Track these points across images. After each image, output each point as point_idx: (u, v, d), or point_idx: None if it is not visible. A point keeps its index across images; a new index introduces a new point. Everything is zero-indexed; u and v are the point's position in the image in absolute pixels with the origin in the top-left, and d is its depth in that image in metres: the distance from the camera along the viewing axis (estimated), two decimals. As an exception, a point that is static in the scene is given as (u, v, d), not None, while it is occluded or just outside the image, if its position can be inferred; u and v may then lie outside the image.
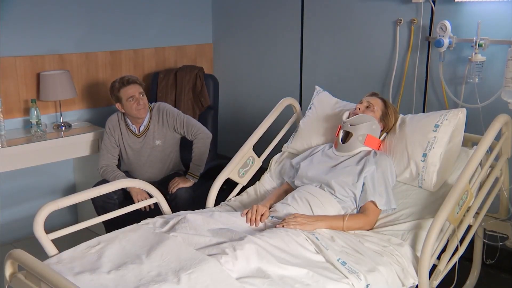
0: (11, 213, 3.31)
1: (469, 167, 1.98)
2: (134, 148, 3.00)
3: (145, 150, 3.00)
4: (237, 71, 3.94)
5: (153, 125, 2.98)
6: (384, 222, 2.16)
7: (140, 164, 3.03)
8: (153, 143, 3.00)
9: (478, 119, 2.62)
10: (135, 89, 2.87)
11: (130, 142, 3.00)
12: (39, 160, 3.04)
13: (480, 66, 2.57)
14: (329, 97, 2.68)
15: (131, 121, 2.97)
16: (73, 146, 3.11)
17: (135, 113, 2.89)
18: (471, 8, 2.64)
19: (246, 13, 3.77)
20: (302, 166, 2.35)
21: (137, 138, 2.99)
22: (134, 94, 2.86)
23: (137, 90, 2.88)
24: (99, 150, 3.06)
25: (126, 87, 2.87)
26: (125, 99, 2.86)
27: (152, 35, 3.70)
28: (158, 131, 2.99)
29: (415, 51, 2.90)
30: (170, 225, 2.02)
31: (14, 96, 3.13)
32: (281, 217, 2.09)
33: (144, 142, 2.99)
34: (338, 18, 3.24)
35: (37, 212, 1.87)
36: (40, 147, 2.98)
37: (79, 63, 3.38)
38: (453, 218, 1.95)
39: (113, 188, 2.26)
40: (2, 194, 3.24)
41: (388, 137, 2.36)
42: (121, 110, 2.92)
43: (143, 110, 2.91)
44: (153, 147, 3.00)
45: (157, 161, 3.03)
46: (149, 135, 2.99)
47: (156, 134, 2.99)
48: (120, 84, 2.88)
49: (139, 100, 2.88)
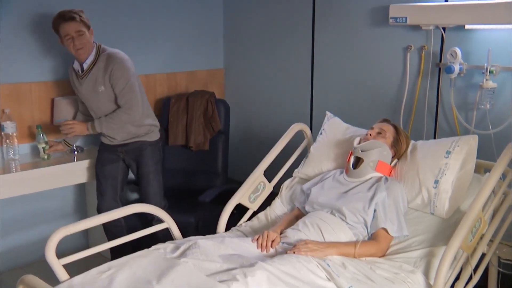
0: (22, 237, 3.32)
1: (482, 194, 1.96)
2: (81, 92, 2.85)
3: (91, 95, 2.81)
4: (248, 96, 3.97)
5: (96, 69, 2.75)
6: (396, 249, 2.14)
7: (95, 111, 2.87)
8: (97, 88, 2.78)
9: (490, 145, 2.61)
10: (72, 27, 2.61)
11: (77, 84, 2.85)
12: (52, 184, 3.06)
13: (491, 92, 2.58)
14: (340, 123, 2.69)
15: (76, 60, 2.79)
16: (85, 170, 3.12)
17: (75, 54, 2.71)
18: (481, 35, 2.66)
19: (257, 39, 3.81)
20: (313, 192, 2.35)
21: (80, 80, 2.81)
22: (69, 32, 2.62)
23: (75, 29, 2.62)
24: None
25: (63, 24, 2.62)
26: (63, 36, 2.64)
27: (164, 60, 3.75)
28: (101, 77, 2.76)
29: (426, 77, 2.91)
30: (181, 250, 2.01)
31: (28, 121, 3.18)
32: (292, 243, 2.08)
33: (87, 86, 2.80)
34: (348, 44, 3.26)
35: (49, 238, 1.87)
36: (53, 171, 3.00)
37: (92, 88, 3.42)
38: (466, 246, 1.93)
39: (124, 213, 2.26)
40: (15, 218, 3.25)
41: (399, 163, 2.36)
42: (64, 46, 2.73)
43: (82, 51, 2.68)
44: (97, 92, 2.79)
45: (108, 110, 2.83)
46: (91, 78, 2.77)
47: (100, 80, 2.76)
48: (58, 19, 2.63)
49: (75, 39, 2.63)
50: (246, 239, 2.16)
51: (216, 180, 3.55)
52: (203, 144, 3.54)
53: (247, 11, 3.85)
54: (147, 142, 2.98)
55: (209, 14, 3.94)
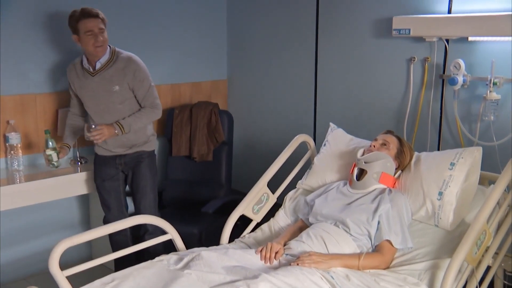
0: (25, 248, 3.32)
1: (487, 206, 1.96)
2: (87, 89, 2.80)
3: (101, 93, 2.79)
4: (252, 107, 3.98)
5: (113, 69, 2.77)
6: (400, 261, 2.13)
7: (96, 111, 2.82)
8: (110, 87, 2.78)
9: (495, 157, 2.60)
10: (95, 24, 2.66)
11: (83, 82, 2.81)
12: (56, 195, 3.06)
13: (495, 104, 2.57)
14: (343, 134, 2.69)
15: (88, 58, 2.78)
16: (89, 180, 3.13)
17: (92, 50, 2.70)
18: (484, 47, 2.66)
19: (260, 50, 3.83)
20: (317, 203, 2.34)
21: (91, 78, 2.79)
22: (93, 28, 2.65)
23: (98, 25, 2.67)
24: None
25: (85, 20, 2.65)
26: (83, 32, 2.65)
27: (168, 71, 3.77)
28: (117, 77, 2.78)
29: (429, 88, 2.91)
30: (185, 262, 2.01)
31: (33, 133, 3.19)
32: (296, 255, 2.07)
33: (98, 84, 2.78)
34: (352, 56, 3.27)
35: (53, 249, 1.87)
36: (57, 182, 3.00)
37: (97, 99, 3.43)
38: (471, 258, 1.92)
39: (128, 224, 2.25)
40: (18, 229, 3.26)
41: (403, 175, 2.35)
42: (77, 43, 2.72)
43: (100, 48, 2.71)
44: (109, 91, 2.78)
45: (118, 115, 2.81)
46: (104, 76, 2.77)
47: (115, 80, 2.78)
48: (80, 15, 2.65)
49: (98, 36, 2.67)
50: (249, 250, 2.16)
51: (219, 191, 3.55)
52: (207, 155, 3.55)
53: (250, 23, 3.87)
54: (146, 153, 2.97)
55: (213, 26, 3.97)
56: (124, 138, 2.87)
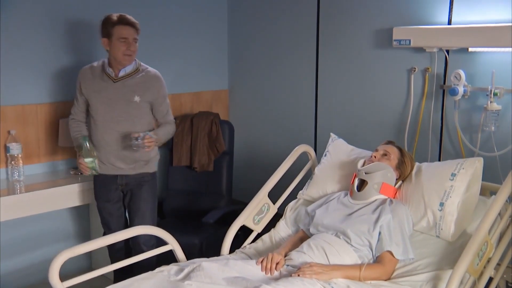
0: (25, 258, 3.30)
1: (488, 217, 1.95)
2: (104, 94, 2.73)
3: (118, 100, 2.73)
4: (252, 117, 3.98)
5: (137, 80, 2.75)
6: (401, 272, 2.12)
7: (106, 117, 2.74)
8: (130, 97, 2.74)
9: (496, 167, 2.60)
10: (131, 32, 2.66)
11: (102, 86, 2.74)
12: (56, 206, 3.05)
13: (496, 114, 2.58)
14: (344, 144, 2.69)
15: (111, 63, 2.74)
16: (90, 191, 3.12)
17: (121, 58, 2.68)
18: (484, 57, 2.67)
19: (261, 60, 3.84)
20: (318, 214, 2.34)
21: (112, 83, 2.74)
22: (128, 36, 2.65)
23: (132, 35, 2.67)
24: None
25: (122, 26, 2.65)
26: (116, 38, 2.64)
27: (169, 81, 3.73)
28: (140, 89, 2.75)
29: (430, 99, 2.92)
30: (185, 273, 2.00)
31: (33, 143, 3.19)
32: (297, 265, 2.06)
33: (118, 91, 2.73)
34: (352, 66, 3.28)
35: (53, 260, 1.87)
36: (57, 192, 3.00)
37: (98, 109, 3.43)
38: (473, 270, 1.91)
39: (128, 235, 2.25)
40: (18, 239, 3.25)
41: (404, 186, 2.35)
42: (106, 47, 2.69)
43: (129, 58, 2.70)
44: (129, 102, 2.74)
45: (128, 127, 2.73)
46: (126, 85, 2.74)
47: (137, 90, 2.75)
48: (118, 21, 2.65)
49: (130, 45, 2.67)
50: (250, 261, 2.15)
51: (220, 201, 3.54)
52: (208, 165, 3.55)
53: (251, 33, 3.88)
54: (148, 175, 2.88)
55: (214, 36, 3.99)
56: (127, 152, 2.79)
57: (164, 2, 3.65)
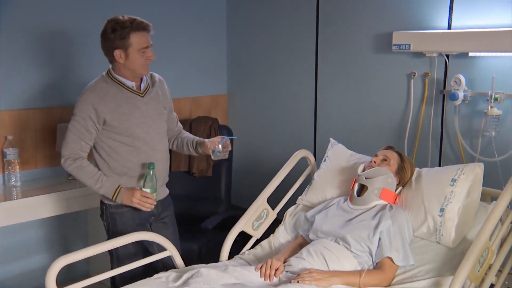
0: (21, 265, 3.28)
1: (489, 223, 1.94)
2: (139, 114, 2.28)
3: (153, 117, 2.34)
4: (251, 122, 3.97)
5: (156, 88, 2.39)
6: (401, 278, 2.10)
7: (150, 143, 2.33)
8: (161, 109, 2.37)
9: (496, 172, 2.59)
10: (148, 39, 2.24)
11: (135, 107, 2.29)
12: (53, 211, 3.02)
13: (496, 119, 2.57)
14: (343, 150, 2.68)
15: (125, 76, 2.29)
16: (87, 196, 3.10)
17: (141, 70, 2.27)
18: (484, 62, 2.66)
19: (260, 65, 3.84)
20: (317, 220, 2.32)
21: (141, 99, 2.31)
22: (148, 45, 2.23)
23: (150, 41, 2.26)
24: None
25: (140, 33, 2.20)
26: (137, 49, 2.19)
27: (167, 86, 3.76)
28: (162, 97, 2.41)
29: (430, 104, 2.91)
30: (184, 279, 1.99)
31: (30, 148, 3.17)
32: (296, 272, 2.05)
33: (151, 106, 2.33)
34: (352, 71, 3.27)
35: (50, 267, 1.85)
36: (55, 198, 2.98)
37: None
38: (474, 276, 1.89)
39: (127, 241, 2.23)
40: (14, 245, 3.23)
41: (404, 191, 2.33)
42: (119, 60, 2.22)
43: (148, 67, 2.30)
44: (160, 114, 2.38)
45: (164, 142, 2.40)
46: (153, 95, 2.36)
47: (162, 99, 2.40)
48: (134, 27, 2.18)
49: (149, 53, 2.26)
50: (249, 267, 2.14)
51: (219, 207, 3.52)
52: (206, 170, 3.53)
53: (250, 38, 3.88)
54: (170, 196, 2.60)
55: (213, 40, 3.98)
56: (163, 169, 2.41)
57: (162, 7, 3.65)
